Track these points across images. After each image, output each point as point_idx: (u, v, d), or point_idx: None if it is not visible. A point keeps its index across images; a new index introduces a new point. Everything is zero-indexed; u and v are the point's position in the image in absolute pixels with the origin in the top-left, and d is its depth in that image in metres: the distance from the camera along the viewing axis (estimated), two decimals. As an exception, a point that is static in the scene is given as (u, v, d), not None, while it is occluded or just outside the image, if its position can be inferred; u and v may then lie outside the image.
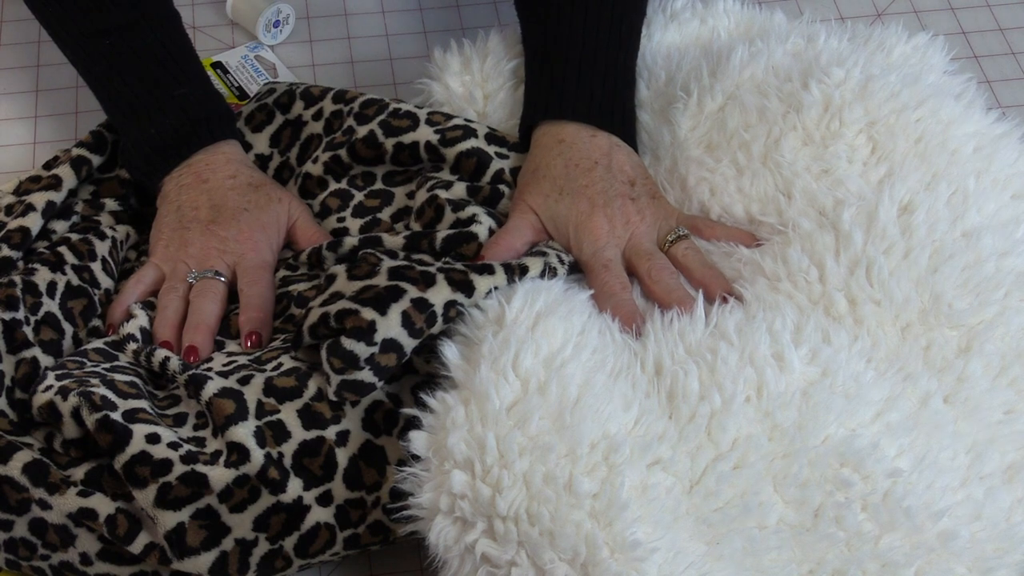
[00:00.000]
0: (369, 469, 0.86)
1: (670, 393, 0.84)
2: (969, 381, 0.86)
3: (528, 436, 0.79)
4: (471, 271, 0.88)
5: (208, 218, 0.98)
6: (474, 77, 1.08)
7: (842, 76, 0.98)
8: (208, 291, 0.95)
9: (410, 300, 0.85)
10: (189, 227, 0.98)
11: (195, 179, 0.99)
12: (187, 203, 0.99)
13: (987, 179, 0.94)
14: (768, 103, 0.99)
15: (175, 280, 0.96)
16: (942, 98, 0.98)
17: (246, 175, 1.01)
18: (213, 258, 0.96)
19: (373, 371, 0.84)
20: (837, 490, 0.80)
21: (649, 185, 0.99)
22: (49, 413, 0.85)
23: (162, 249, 0.98)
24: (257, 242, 0.98)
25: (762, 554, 0.79)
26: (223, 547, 0.82)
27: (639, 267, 0.94)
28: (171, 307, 0.95)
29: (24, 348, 0.90)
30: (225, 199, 0.98)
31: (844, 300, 0.88)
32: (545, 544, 0.75)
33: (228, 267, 0.97)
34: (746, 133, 0.98)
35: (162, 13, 1.02)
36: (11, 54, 1.24)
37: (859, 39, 1.06)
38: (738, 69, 1.02)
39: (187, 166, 1.00)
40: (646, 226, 0.96)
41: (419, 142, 1.01)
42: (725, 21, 1.13)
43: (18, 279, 0.92)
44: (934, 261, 0.89)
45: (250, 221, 0.98)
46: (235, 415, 0.84)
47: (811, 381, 0.84)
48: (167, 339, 0.93)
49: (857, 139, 0.96)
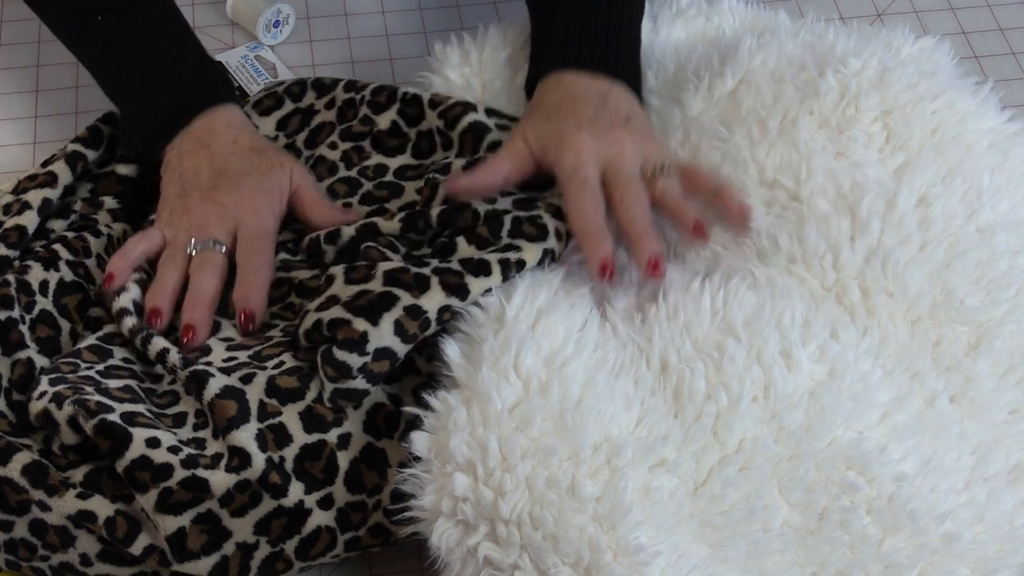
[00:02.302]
0: (370, 472, 0.85)
1: (676, 392, 0.83)
2: (976, 380, 0.86)
3: (530, 438, 0.79)
4: (467, 272, 0.87)
5: (209, 184, 0.96)
6: (472, 68, 1.08)
7: (859, 66, 0.98)
8: (207, 264, 0.93)
9: (403, 308, 0.84)
10: (190, 193, 0.96)
11: (196, 144, 0.98)
12: (189, 169, 0.97)
13: (1001, 176, 0.94)
14: (784, 88, 0.98)
15: (174, 250, 0.95)
16: (958, 92, 0.98)
17: (247, 139, 0.99)
18: (213, 225, 0.95)
19: (366, 378, 0.84)
20: (843, 494, 0.80)
21: (645, 124, 0.97)
22: (45, 421, 0.85)
23: (166, 216, 0.97)
24: (259, 207, 0.96)
25: (766, 557, 0.79)
26: (224, 551, 0.82)
27: (613, 191, 0.92)
28: (167, 276, 0.93)
29: (19, 349, 0.90)
30: (227, 164, 0.97)
31: (858, 289, 0.88)
32: (548, 548, 0.75)
33: (228, 233, 0.95)
34: (762, 111, 0.97)
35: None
36: (11, 54, 1.23)
37: (867, 38, 1.06)
38: (748, 57, 1.01)
39: (187, 133, 0.99)
40: (631, 151, 0.93)
41: (432, 129, 1.02)
42: (730, 19, 1.13)
43: (12, 278, 0.92)
44: (948, 255, 0.89)
45: (252, 186, 0.96)
46: (237, 417, 0.84)
47: (819, 382, 0.84)
48: (158, 306, 0.91)
49: (873, 126, 0.96)
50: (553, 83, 0.99)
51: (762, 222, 0.93)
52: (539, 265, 0.90)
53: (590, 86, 0.97)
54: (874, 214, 0.90)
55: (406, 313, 0.84)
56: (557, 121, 0.95)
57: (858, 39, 1.04)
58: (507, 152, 0.96)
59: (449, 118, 1.02)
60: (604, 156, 0.93)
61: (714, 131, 0.99)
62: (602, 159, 0.93)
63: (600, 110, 0.95)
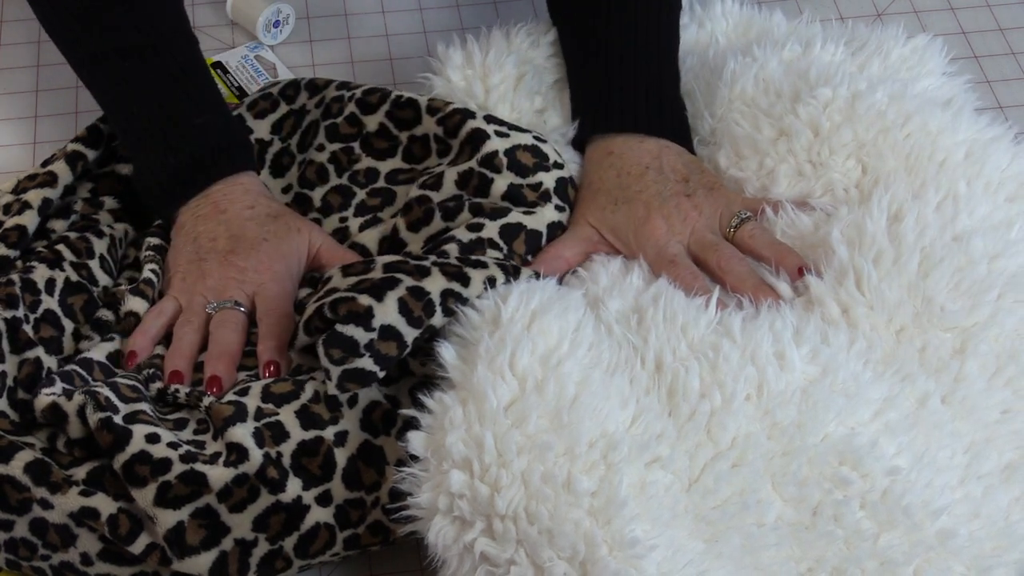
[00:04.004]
0: (368, 469, 0.86)
1: (670, 390, 0.84)
2: (965, 381, 0.86)
3: (526, 435, 0.79)
4: (464, 264, 0.88)
5: (226, 248, 0.95)
6: (475, 71, 1.08)
7: (829, 96, 0.98)
8: (229, 321, 0.92)
9: (406, 288, 0.85)
10: (206, 258, 0.95)
11: (213, 209, 0.97)
12: (204, 234, 0.96)
13: (979, 184, 0.94)
14: (759, 134, 0.99)
15: (190, 313, 0.93)
16: (930, 110, 0.98)
17: (264, 205, 0.98)
18: (232, 289, 0.94)
19: (374, 359, 0.84)
20: (836, 488, 0.80)
21: (705, 178, 0.98)
22: (52, 414, 0.85)
23: (179, 282, 0.95)
24: (277, 272, 0.95)
25: (760, 551, 0.79)
26: (223, 547, 0.82)
27: (708, 261, 0.94)
28: (186, 339, 0.92)
29: (27, 348, 0.90)
30: (244, 229, 0.96)
31: (836, 306, 0.89)
32: (544, 542, 0.75)
33: (248, 297, 0.94)
34: (740, 172, 1.00)
35: (180, 36, 1.00)
36: (11, 54, 1.24)
37: (857, 43, 1.06)
38: (729, 84, 1.03)
39: (204, 196, 0.98)
40: (705, 218, 0.96)
41: (428, 135, 1.01)
42: (723, 24, 1.13)
43: (16, 278, 0.92)
44: (924, 266, 0.89)
45: (270, 251, 0.95)
46: (233, 417, 0.84)
47: (811, 379, 0.84)
48: (178, 369, 0.91)
49: (847, 163, 0.97)
50: (601, 150, 1.00)
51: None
52: (536, 277, 0.90)
53: (640, 154, 0.99)
54: (840, 241, 0.91)
55: (410, 293, 0.84)
56: (624, 209, 0.96)
57: (847, 44, 1.04)
58: (571, 236, 0.97)
59: (449, 126, 1.01)
60: (682, 233, 0.95)
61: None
62: (681, 236, 0.95)
63: (659, 180, 0.97)
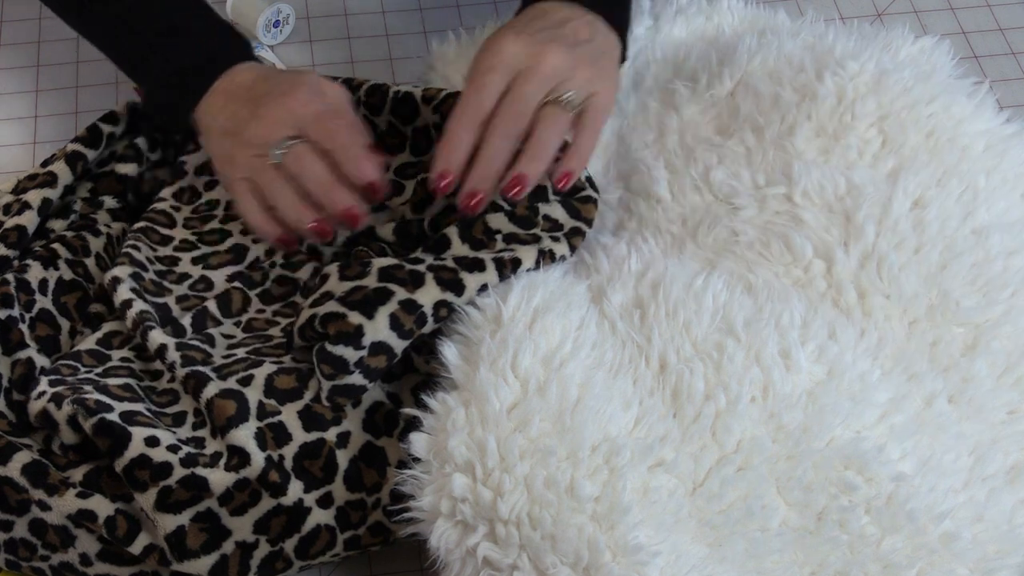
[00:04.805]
0: (369, 470, 0.85)
1: (675, 392, 0.83)
2: (974, 381, 0.86)
3: (529, 439, 0.79)
4: (461, 268, 0.87)
5: (250, 114, 0.92)
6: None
7: (857, 69, 0.98)
8: (304, 157, 0.89)
9: (398, 302, 0.84)
10: (238, 132, 0.92)
11: (223, 98, 0.95)
12: (226, 119, 0.93)
13: (997, 177, 0.94)
14: (782, 91, 0.98)
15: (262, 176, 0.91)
16: (954, 95, 0.98)
17: (274, 72, 0.97)
18: (276, 133, 0.90)
19: (363, 374, 0.84)
20: (841, 493, 0.80)
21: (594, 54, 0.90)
22: (45, 420, 0.85)
23: (229, 168, 0.93)
24: (309, 102, 0.92)
25: (764, 556, 0.79)
26: (223, 550, 0.82)
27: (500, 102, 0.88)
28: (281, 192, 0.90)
29: (20, 348, 0.90)
30: (259, 90, 0.93)
31: (854, 291, 0.88)
32: (547, 548, 0.75)
33: (297, 131, 0.90)
34: (760, 117, 0.98)
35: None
36: (11, 54, 1.23)
37: (866, 39, 1.06)
38: (747, 57, 1.01)
39: (211, 94, 0.95)
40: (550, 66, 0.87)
41: (428, 125, 1.02)
42: (730, 18, 1.13)
43: (11, 277, 0.92)
44: (944, 257, 0.89)
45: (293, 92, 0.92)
46: (236, 417, 0.84)
47: (817, 382, 0.84)
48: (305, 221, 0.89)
49: (868, 132, 0.96)
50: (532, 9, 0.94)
51: (752, 232, 0.93)
52: (536, 267, 0.89)
53: (561, 9, 0.92)
54: (869, 218, 0.91)
55: (401, 307, 0.84)
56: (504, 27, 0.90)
57: (857, 40, 1.04)
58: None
59: (444, 112, 1.00)
60: (520, 64, 0.88)
61: (709, 136, 0.99)
62: (517, 68, 0.88)
63: (553, 28, 0.90)
